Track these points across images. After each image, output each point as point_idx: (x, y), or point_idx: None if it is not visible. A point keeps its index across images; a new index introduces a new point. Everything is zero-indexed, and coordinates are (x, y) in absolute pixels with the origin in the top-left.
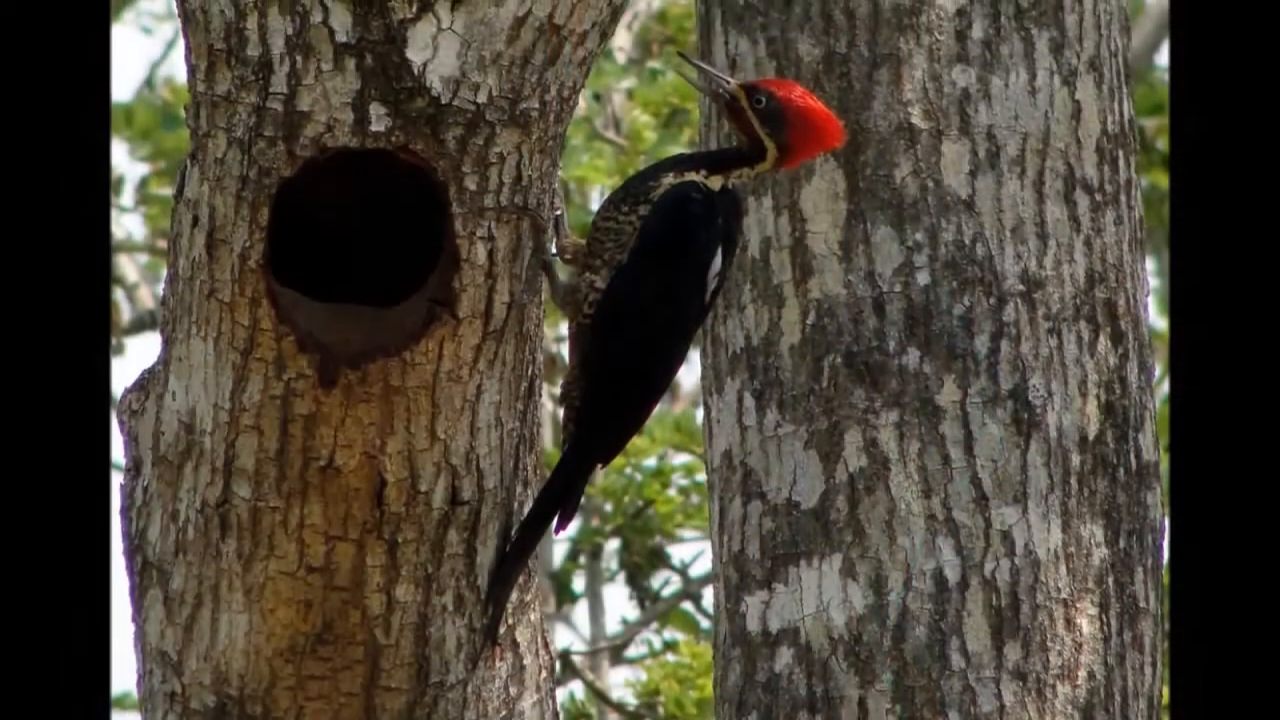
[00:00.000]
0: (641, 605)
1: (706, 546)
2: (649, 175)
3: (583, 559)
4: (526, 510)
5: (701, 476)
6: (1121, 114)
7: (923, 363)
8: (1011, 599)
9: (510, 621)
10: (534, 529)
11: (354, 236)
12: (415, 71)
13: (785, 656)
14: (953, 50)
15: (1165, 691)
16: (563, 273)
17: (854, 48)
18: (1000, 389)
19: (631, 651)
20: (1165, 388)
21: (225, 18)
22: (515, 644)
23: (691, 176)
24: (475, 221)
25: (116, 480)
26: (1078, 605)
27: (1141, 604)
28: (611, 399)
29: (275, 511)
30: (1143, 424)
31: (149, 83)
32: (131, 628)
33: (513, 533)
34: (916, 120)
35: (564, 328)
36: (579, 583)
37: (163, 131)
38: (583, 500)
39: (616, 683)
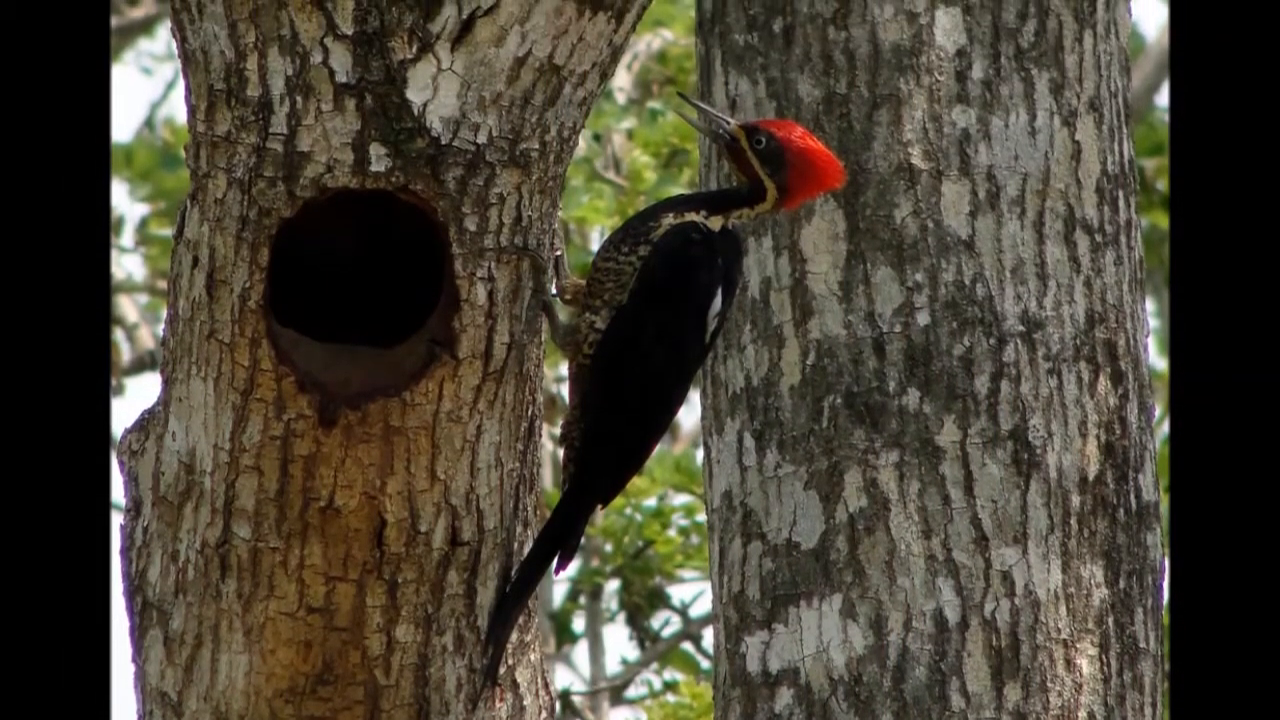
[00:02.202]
0: (641, 646)
1: (706, 587)
2: (649, 216)
3: (583, 599)
4: (526, 551)
5: (701, 517)
6: (1121, 154)
7: (923, 403)
8: (1011, 639)
9: (510, 662)
10: (534, 569)
11: (354, 277)
12: (415, 112)
13: (785, 697)
14: (953, 91)
15: None
16: (563, 313)
17: (854, 88)
18: (1000, 429)
19: (631, 692)
20: (1165, 428)
21: (225, 58)
22: (515, 684)
23: (691, 217)
24: (475, 262)
25: (116, 521)
26: (1078, 646)
27: (1141, 644)
28: (611, 439)
29: (275, 552)
30: (1143, 464)
31: (149, 123)
32: (131, 668)
33: (513, 573)
34: (916, 161)
35: (564, 368)
36: (579, 623)
37: (163, 172)
38: (583, 541)
39: None
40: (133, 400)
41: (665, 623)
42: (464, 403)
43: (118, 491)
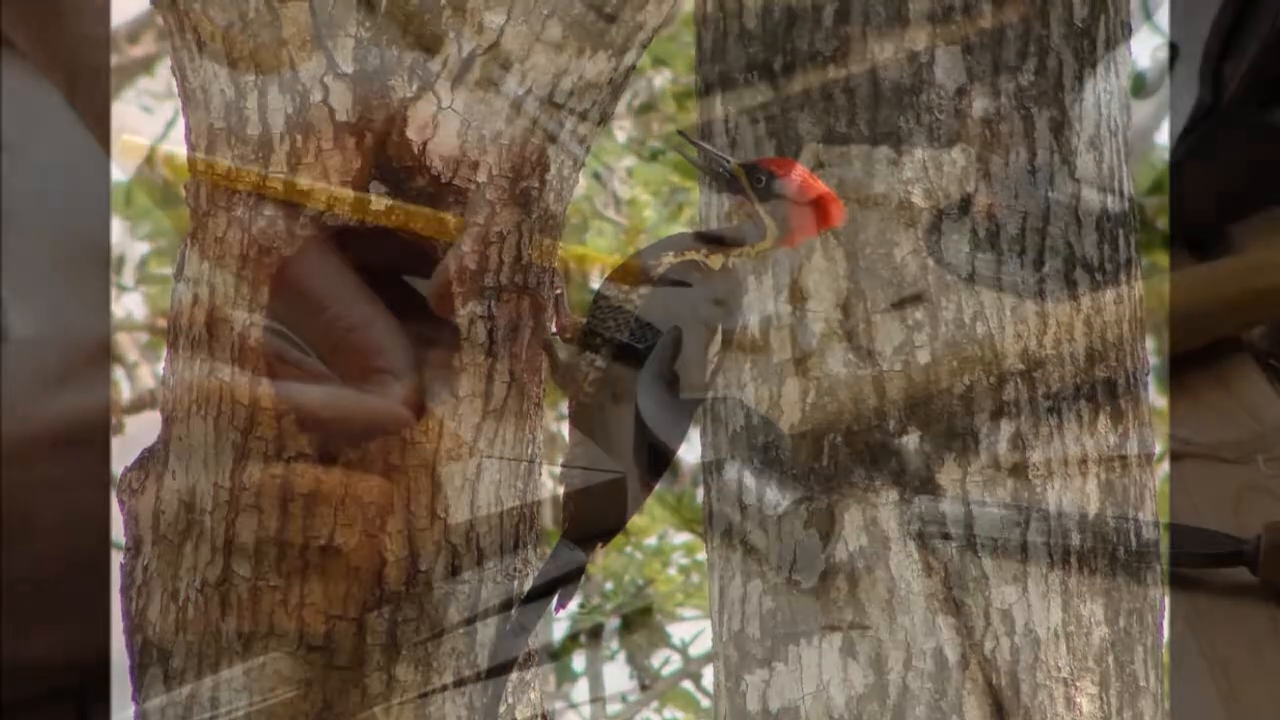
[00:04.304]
0: (641, 684)
1: (706, 625)
2: (648, 254)
3: (583, 638)
4: (526, 589)
5: (702, 555)
6: (1122, 193)
7: (923, 441)
8: (1011, 678)
9: (510, 701)
10: (534, 608)
11: None
12: (415, 150)
13: None
14: (953, 129)
15: None
16: (563, 352)
17: (854, 126)
18: (1000, 468)
19: None
20: (1165, 467)
21: (225, 97)
22: None
23: (692, 255)
24: (475, 300)
25: (117, 559)
26: (1078, 684)
27: (1141, 683)
28: (611, 478)
29: (275, 590)
30: (1142, 503)
31: (149, 161)
32: (132, 707)
33: (513, 612)
34: (916, 199)
35: (564, 407)
36: (578, 662)
37: (162, 210)
38: (582, 579)
39: None
40: (133, 438)
41: (665, 661)
42: (464, 441)
43: (118, 530)
